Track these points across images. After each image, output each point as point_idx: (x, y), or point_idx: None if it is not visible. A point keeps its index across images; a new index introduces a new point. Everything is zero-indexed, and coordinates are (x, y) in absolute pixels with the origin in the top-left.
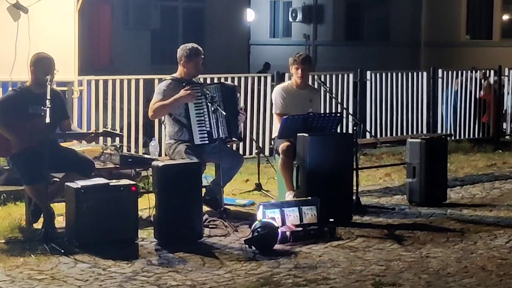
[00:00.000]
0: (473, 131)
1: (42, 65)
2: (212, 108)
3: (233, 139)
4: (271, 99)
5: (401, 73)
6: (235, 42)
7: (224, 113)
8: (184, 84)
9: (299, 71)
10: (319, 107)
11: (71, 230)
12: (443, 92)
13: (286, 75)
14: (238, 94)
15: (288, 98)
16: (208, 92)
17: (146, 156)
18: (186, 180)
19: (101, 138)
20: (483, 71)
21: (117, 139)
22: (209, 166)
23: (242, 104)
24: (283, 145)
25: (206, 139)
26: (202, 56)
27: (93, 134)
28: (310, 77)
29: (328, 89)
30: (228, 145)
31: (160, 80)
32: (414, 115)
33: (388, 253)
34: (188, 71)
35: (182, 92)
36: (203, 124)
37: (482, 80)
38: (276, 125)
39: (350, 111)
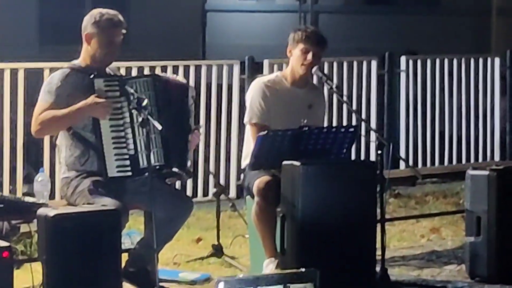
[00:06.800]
0: None
1: None
2: (140, 118)
3: (175, 170)
4: (241, 101)
5: (457, 59)
6: (180, 8)
7: (160, 127)
8: (92, 76)
9: (309, 55)
10: (322, 118)
11: None
12: None
13: (266, 62)
14: (192, 97)
15: (275, 99)
16: (132, 91)
17: (28, 199)
18: (96, 240)
19: None
20: None
21: None
22: (135, 216)
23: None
24: (259, 180)
25: (128, 168)
26: (124, 31)
27: None
28: None
29: (335, 86)
30: (169, 181)
31: (53, 71)
32: (480, 129)
33: None
34: (98, 53)
35: (90, 99)
36: (123, 145)
37: None
38: (250, 145)
39: (372, 123)
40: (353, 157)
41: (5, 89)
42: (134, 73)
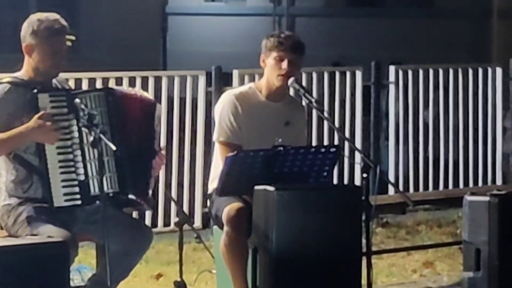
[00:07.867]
0: None
1: None
2: (91, 138)
3: (132, 197)
4: (207, 117)
5: (453, 69)
6: (137, 11)
7: (114, 148)
8: (35, 91)
9: (284, 63)
10: (302, 136)
11: None
12: None
13: (235, 73)
14: (157, 117)
15: (247, 115)
16: (82, 106)
17: None
18: (41, 276)
19: None
20: None
21: None
22: (85, 249)
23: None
24: (230, 207)
25: (78, 196)
26: (72, 37)
27: None
28: None
29: (314, 100)
30: (125, 210)
31: None
32: (479, 149)
33: None
34: (41, 66)
35: (33, 122)
36: (72, 169)
37: None
38: (219, 167)
39: (357, 142)
40: (335, 181)
41: None
42: (84, 85)
